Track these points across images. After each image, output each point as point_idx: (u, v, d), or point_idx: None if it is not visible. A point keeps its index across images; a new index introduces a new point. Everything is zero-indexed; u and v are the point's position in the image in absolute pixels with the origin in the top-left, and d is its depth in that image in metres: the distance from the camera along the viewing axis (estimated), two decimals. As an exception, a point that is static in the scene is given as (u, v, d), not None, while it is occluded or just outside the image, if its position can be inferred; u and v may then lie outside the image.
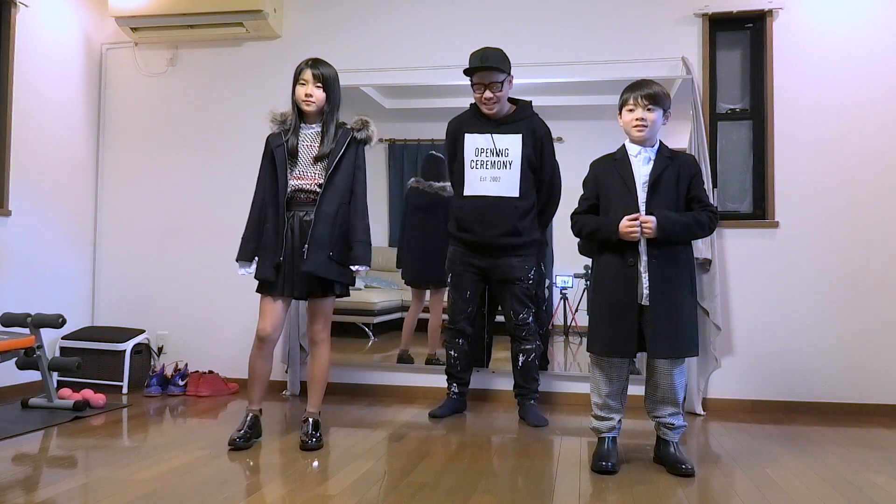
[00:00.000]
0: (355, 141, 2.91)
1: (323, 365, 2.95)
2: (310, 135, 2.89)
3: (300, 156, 2.87)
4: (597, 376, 2.65)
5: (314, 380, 2.96)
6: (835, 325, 3.67)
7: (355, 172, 2.91)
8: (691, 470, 2.50)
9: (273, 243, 2.84)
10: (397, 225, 4.47)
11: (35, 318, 3.46)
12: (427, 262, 4.16)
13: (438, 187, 4.10)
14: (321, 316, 2.92)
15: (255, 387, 2.92)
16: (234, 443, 2.79)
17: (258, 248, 2.88)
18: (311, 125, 2.91)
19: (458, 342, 3.53)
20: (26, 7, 3.88)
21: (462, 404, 3.58)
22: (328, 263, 2.80)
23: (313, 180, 2.84)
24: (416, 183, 4.18)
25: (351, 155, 2.89)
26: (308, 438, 2.83)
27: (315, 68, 2.86)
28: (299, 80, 2.87)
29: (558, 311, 4.16)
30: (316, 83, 2.85)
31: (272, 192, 2.88)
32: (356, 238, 2.87)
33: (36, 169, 3.99)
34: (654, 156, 2.60)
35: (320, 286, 2.86)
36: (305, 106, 2.87)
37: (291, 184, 2.84)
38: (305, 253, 2.77)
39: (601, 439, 2.65)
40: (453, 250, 3.51)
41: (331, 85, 2.88)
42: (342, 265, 2.86)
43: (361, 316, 4.56)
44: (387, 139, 4.40)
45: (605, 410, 2.64)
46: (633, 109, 2.59)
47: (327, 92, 2.87)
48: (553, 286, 4.12)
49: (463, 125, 3.48)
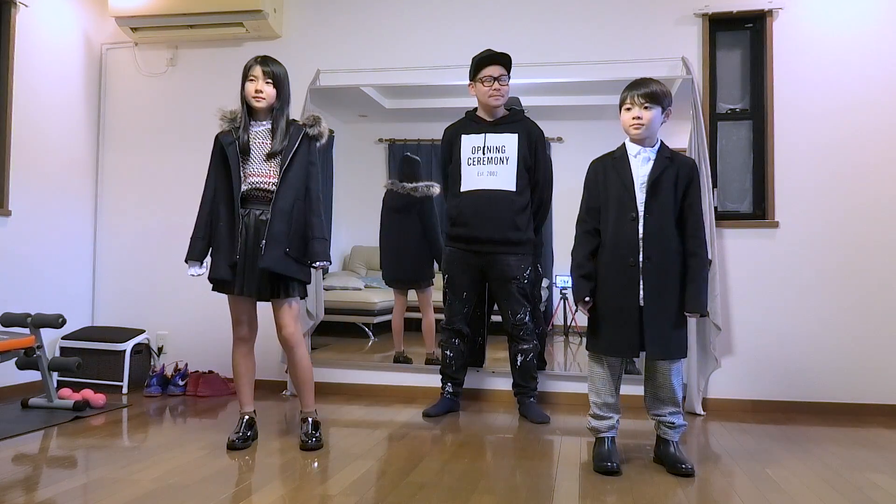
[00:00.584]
0: (307, 137, 2.88)
1: (305, 367, 2.91)
2: (261, 132, 2.85)
3: (252, 153, 2.83)
4: (596, 376, 2.65)
5: (302, 383, 2.93)
6: (835, 324, 3.67)
7: (309, 169, 2.87)
8: (691, 470, 2.50)
9: (228, 242, 2.78)
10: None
11: (35, 318, 3.46)
12: (404, 263, 4.20)
13: (410, 188, 4.15)
14: (289, 317, 2.85)
15: (244, 387, 2.92)
16: (232, 445, 2.79)
17: (209, 247, 2.85)
18: (262, 122, 2.87)
19: (455, 342, 3.54)
20: (26, 7, 3.88)
21: (456, 404, 3.59)
22: (286, 260, 2.76)
23: (267, 177, 2.80)
24: (391, 185, 4.23)
25: (304, 151, 2.85)
26: (308, 438, 2.83)
27: (265, 65, 2.83)
28: (248, 77, 2.84)
29: (558, 311, 4.16)
30: (266, 79, 2.82)
31: (224, 191, 2.82)
32: (313, 235, 2.83)
33: (36, 169, 3.99)
34: (654, 156, 2.58)
35: (279, 285, 2.81)
36: (255, 102, 2.83)
37: (248, 181, 2.80)
38: (263, 249, 2.73)
39: (600, 439, 2.64)
40: (450, 250, 3.52)
41: (281, 82, 2.85)
42: (300, 262, 2.82)
43: (361, 316, 4.56)
44: (387, 139, 4.40)
45: (604, 409, 2.64)
46: (630, 108, 2.57)
47: (277, 88, 2.84)
48: (553, 286, 4.12)
49: (459, 129, 3.55)
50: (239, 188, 2.79)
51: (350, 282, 4.66)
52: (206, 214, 2.86)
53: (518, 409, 3.52)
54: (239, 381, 2.94)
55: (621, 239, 2.55)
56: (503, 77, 3.41)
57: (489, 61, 3.41)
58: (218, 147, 2.88)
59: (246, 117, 2.86)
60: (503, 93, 3.43)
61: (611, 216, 2.59)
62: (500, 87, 3.41)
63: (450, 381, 3.58)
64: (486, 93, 3.42)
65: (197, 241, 2.85)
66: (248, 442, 2.84)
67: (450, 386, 3.58)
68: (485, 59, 3.42)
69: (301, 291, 2.89)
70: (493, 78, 3.40)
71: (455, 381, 3.59)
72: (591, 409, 2.68)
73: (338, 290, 4.55)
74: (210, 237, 2.85)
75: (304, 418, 2.91)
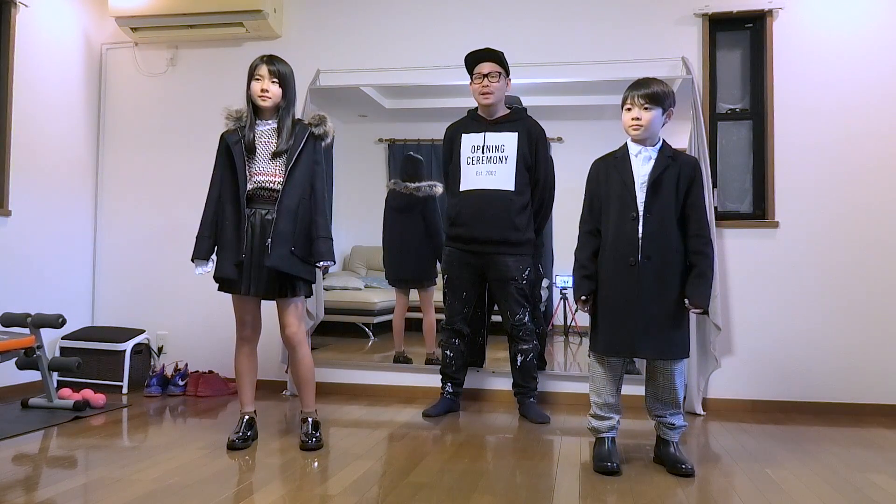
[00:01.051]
0: (313, 136, 2.87)
1: (308, 366, 2.91)
2: (266, 131, 2.85)
3: (258, 152, 2.82)
4: (597, 376, 2.65)
5: (304, 382, 2.92)
6: (835, 324, 3.67)
7: (314, 168, 2.87)
8: (691, 470, 2.50)
9: (233, 241, 2.77)
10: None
11: (35, 318, 3.46)
12: (407, 263, 4.20)
13: (413, 188, 4.15)
14: (293, 317, 2.86)
15: (245, 387, 2.92)
16: (232, 445, 2.79)
17: (215, 245, 2.85)
18: (267, 121, 2.86)
19: (455, 342, 3.54)
20: (26, 7, 3.88)
21: (456, 404, 3.59)
22: (291, 258, 2.76)
23: (273, 176, 2.80)
24: (394, 185, 4.23)
25: (309, 150, 2.85)
26: (308, 438, 2.83)
27: (271, 64, 2.83)
28: (254, 76, 2.84)
29: (558, 311, 4.16)
30: (272, 79, 2.82)
31: (230, 190, 2.81)
32: (318, 234, 2.83)
33: (36, 169, 3.99)
34: (656, 155, 2.57)
35: (286, 284, 2.81)
36: (261, 101, 2.83)
37: (253, 180, 2.79)
38: (269, 247, 2.72)
39: (600, 439, 2.64)
40: (449, 251, 3.52)
41: (287, 81, 2.86)
42: (305, 262, 2.82)
43: (361, 316, 4.56)
44: (387, 139, 4.40)
45: (604, 410, 2.64)
46: (630, 108, 2.56)
47: (283, 88, 2.84)
48: (553, 286, 4.12)
49: (460, 128, 3.54)
50: (245, 187, 2.79)
51: (350, 282, 4.66)
52: (211, 213, 2.86)
53: (518, 409, 3.51)
54: (241, 381, 2.93)
55: (622, 238, 2.54)
56: (493, 74, 3.38)
57: (475, 59, 3.41)
58: (223, 146, 2.87)
59: (252, 116, 2.86)
60: (493, 90, 3.39)
61: (612, 216, 2.58)
62: (490, 84, 3.38)
63: (450, 381, 3.58)
64: (477, 90, 3.42)
65: (203, 239, 2.85)
66: (248, 442, 2.84)
67: (450, 386, 3.58)
68: (470, 57, 3.42)
69: (306, 290, 2.90)
70: (482, 75, 3.38)
71: (455, 381, 3.59)
72: (592, 409, 2.67)
73: (338, 290, 4.55)
74: (216, 236, 2.84)
75: (304, 418, 2.91)
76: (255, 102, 2.86)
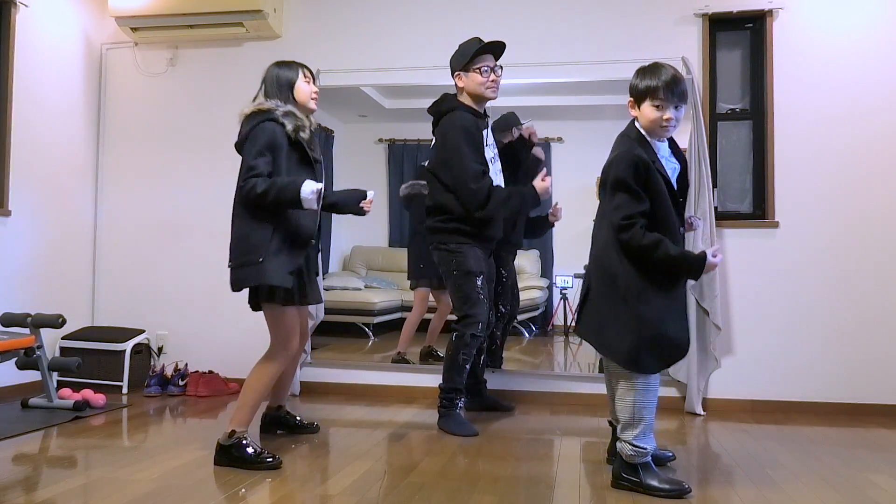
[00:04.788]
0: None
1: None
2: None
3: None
4: (650, 391, 2.28)
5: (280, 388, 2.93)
6: (835, 324, 3.66)
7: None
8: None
9: (298, 245, 2.60)
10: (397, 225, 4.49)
11: (35, 318, 3.46)
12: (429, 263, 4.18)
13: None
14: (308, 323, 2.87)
15: (258, 407, 2.66)
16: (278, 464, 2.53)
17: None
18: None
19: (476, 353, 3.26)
20: (26, 7, 3.88)
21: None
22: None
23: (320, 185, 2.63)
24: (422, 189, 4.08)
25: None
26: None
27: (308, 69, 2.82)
28: (303, 77, 2.78)
29: (558, 311, 4.17)
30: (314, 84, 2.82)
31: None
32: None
33: (36, 169, 3.99)
34: (669, 153, 2.40)
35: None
36: (314, 104, 2.81)
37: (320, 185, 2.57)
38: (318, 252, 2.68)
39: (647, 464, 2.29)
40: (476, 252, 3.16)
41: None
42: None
43: (361, 316, 4.57)
44: (387, 139, 4.41)
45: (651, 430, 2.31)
46: (660, 107, 2.29)
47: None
48: (553, 286, 4.12)
49: (476, 122, 3.20)
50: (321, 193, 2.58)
51: (350, 282, 4.67)
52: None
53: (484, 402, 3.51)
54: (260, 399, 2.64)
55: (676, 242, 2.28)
56: (497, 69, 3.19)
57: (491, 49, 3.16)
58: (298, 145, 2.66)
59: (304, 118, 2.71)
60: (499, 85, 3.22)
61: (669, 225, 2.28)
62: (497, 79, 3.20)
63: (462, 395, 3.23)
64: (483, 84, 3.15)
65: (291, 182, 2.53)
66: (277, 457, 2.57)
67: (461, 400, 3.22)
68: (484, 47, 3.15)
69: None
70: (490, 68, 3.16)
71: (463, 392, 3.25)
72: (644, 431, 2.26)
73: (338, 290, 4.56)
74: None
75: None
76: (305, 104, 2.77)
